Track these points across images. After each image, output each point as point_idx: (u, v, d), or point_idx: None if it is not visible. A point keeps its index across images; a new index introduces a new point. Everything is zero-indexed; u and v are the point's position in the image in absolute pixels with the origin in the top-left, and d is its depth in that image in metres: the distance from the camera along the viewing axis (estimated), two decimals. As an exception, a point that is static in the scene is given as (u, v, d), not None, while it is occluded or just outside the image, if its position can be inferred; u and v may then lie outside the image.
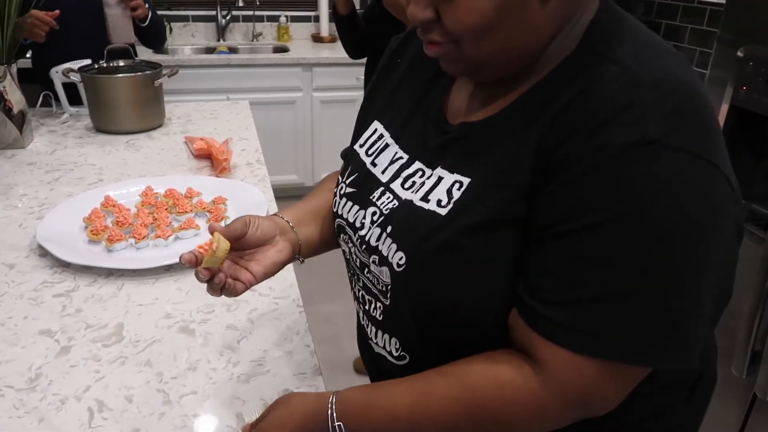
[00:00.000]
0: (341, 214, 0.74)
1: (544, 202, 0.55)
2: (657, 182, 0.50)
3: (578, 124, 0.53)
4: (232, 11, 3.64)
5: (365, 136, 0.77)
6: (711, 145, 0.52)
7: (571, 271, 0.53)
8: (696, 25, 2.41)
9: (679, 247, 0.51)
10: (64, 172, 1.50)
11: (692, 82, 0.55)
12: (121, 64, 1.87)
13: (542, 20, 0.57)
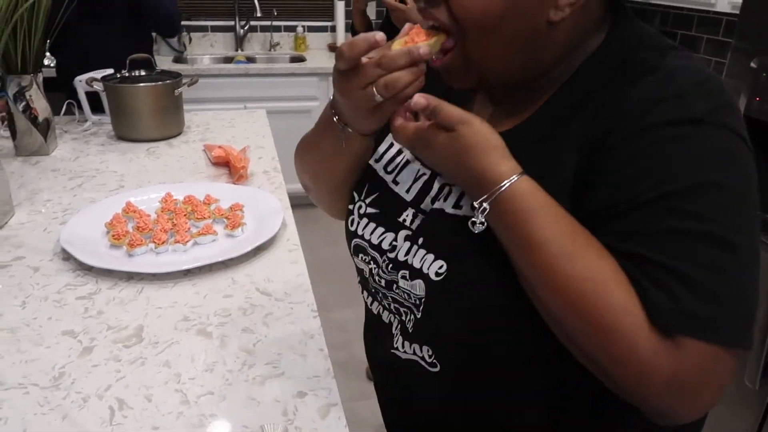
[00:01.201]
0: (362, 235, 0.73)
1: (601, 187, 0.55)
2: (709, 154, 0.53)
3: (624, 114, 0.55)
4: (250, 21, 3.71)
5: (380, 150, 0.76)
6: (744, 127, 0.56)
7: (665, 241, 0.52)
8: (712, 35, 2.41)
9: (738, 221, 0.53)
10: (87, 178, 1.54)
11: (714, 74, 0.58)
12: (143, 73, 1.92)
13: (548, 40, 0.59)
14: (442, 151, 0.59)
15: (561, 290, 0.54)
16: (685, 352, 0.51)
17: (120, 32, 2.20)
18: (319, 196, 0.85)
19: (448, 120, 0.58)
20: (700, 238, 0.52)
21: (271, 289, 1.04)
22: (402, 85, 0.58)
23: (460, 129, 0.57)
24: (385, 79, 0.58)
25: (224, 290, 1.03)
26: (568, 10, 0.58)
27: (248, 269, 1.11)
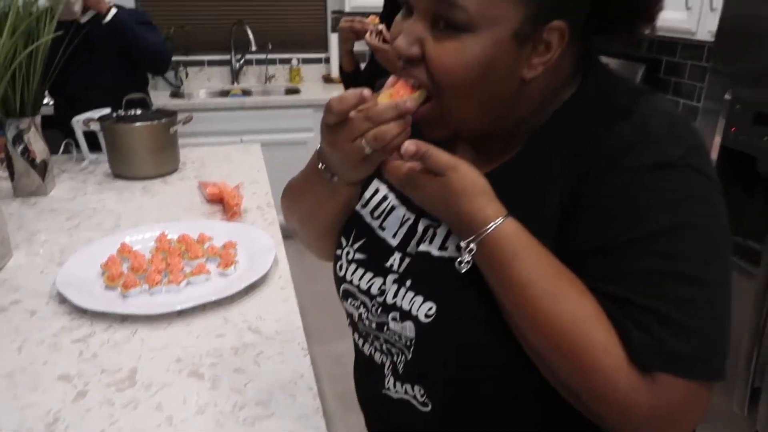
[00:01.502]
0: (351, 280, 0.75)
1: (582, 230, 0.58)
2: (683, 196, 0.56)
3: (601, 158, 0.58)
4: (246, 55, 3.78)
5: (367, 196, 0.78)
6: (713, 169, 0.59)
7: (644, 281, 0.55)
8: (695, 61, 2.47)
9: (712, 259, 0.56)
10: (84, 218, 1.57)
11: (683, 114, 0.63)
12: (139, 112, 1.96)
13: (522, 96, 0.62)
14: (431, 194, 0.62)
15: (543, 329, 0.57)
16: (664, 388, 0.54)
17: (115, 72, 2.26)
18: (307, 239, 0.88)
19: (437, 166, 0.60)
20: (675, 278, 0.54)
21: (262, 328, 1.06)
22: (390, 136, 0.61)
23: (448, 174, 0.60)
24: (374, 131, 0.61)
25: (217, 330, 1.05)
26: (541, 68, 0.61)
27: (240, 308, 1.13)
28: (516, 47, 0.59)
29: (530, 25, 0.58)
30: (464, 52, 0.58)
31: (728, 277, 0.57)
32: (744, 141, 1.33)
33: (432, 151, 0.60)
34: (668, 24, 2.16)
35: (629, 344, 0.54)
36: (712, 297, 0.55)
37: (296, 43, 3.90)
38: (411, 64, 0.62)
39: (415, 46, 0.60)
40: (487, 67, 0.59)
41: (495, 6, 0.56)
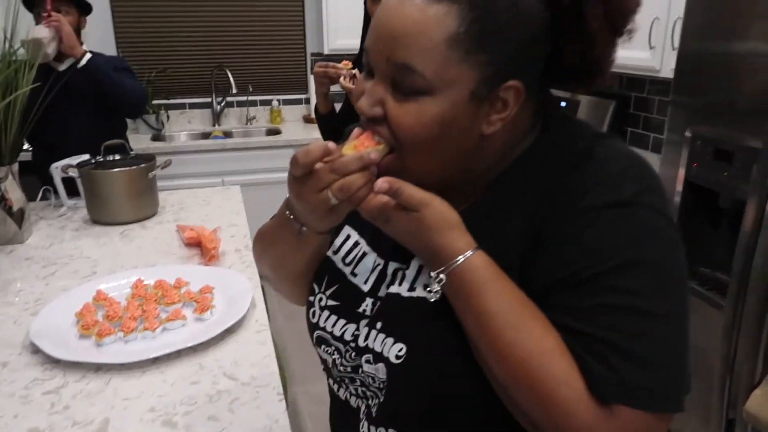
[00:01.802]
0: (324, 327, 0.76)
1: (544, 268, 0.61)
2: (638, 234, 0.58)
3: (562, 199, 0.61)
4: (227, 98, 3.83)
5: (338, 242, 0.80)
6: (668, 206, 0.62)
7: (602, 316, 0.57)
8: (662, 97, 2.55)
9: (667, 293, 0.58)
10: (60, 266, 1.56)
11: (639, 155, 0.65)
12: (117, 158, 1.97)
13: (482, 151, 0.65)
14: (404, 228, 0.64)
15: (506, 360, 0.59)
16: (622, 420, 0.56)
17: (93, 118, 2.27)
18: (279, 286, 0.89)
19: (410, 202, 0.62)
20: (631, 312, 0.57)
21: (237, 373, 1.06)
22: (356, 187, 0.62)
23: (421, 210, 0.62)
24: (339, 182, 0.62)
25: (191, 377, 1.05)
26: (500, 124, 0.63)
27: (216, 353, 1.13)
28: (474, 107, 0.61)
29: (486, 86, 0.60)
30: (424, 113, 0.60)
31: (684, 310, 0.60)
32: (705, 176, 1.37)
33: (405, 187, 0.62)
34: (634, 63, 2.24)
35: (589, 377, 0.56)
36: (668, 330, 0.57)
37: (276, 85, 3.96)
38: (374, 123, 0.64)
39: (377, 107, 0.63)
40: (447, 127, 0.61)
41: (451, 70, 0.59)
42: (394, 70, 0.60)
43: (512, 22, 0.59)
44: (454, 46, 0.58)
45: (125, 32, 3.62)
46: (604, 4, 0.59)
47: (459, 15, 0.57)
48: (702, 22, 1.40)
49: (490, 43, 0.59)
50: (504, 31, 0.59)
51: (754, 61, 1.26)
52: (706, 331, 1.42)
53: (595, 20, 0.59)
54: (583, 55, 0.62)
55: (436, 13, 0.58)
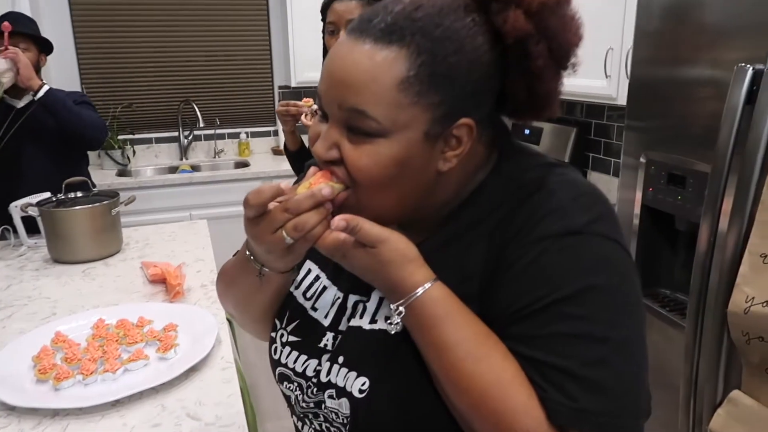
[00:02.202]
0: (285, 363, 0.75)
1: (502, 298, 0.62)
2: (590, 262, 0.59)
3: (516, 230, 0.62)
4: (194, 131, 3.81)
5: (299, 277, 0.79)
6: (619, 232, 0.63)
7: (557, 344, 0.58)
8: (620, 122, 2.63)
9: (621, 318, 0.59)
10: (18, 307, 1.52)
11: (591, 183, 0.67)
12: (79, 195, 1.94)
13: (438, 186, 0.66)
14: (362, 264, 0.64)
15: (466, 391, 0.59)
16: None
17: (54, 155, 2.23)
18: (244, 323, 0.88)
19: (366, 239, 0.62)
20: (585, 339, 0.58)
21: (201, 413, 1.04)
22: (310, 226, 0.61)
23: (379, 247, 0.62)
24: (293, 222, 0.61)
25: (153, 419, 1.02)
26: (455, 160, 0.64)
27: (179, 393, 1.10)
28: (428, 146, 0.62)
29: (439, 125, 0.61)
30: (379, 155, 0.61)
31: (640, 334, 0.61)
32: (661, 200, 1.41)
33: (362, 224, 0.62)
34: (592, 91, 2.32)
35: (547, 405, 0.57)
36: (623, 355, 0.59)
37: (244, 118, 3.96)
38: (331, 165, 0.65)
39: (333, 150, 0.63)
40: (402, 167, 0.62)
41: (403, 113, 0.60)
42: (348, 115, 0.61)
43: (460, 64, 0.60)
44: (405, 90, 0.59)
45: (90, 67, 3.60)
46: (547, 41, 0.61)
47: (407, 59, 0.59)
48: (650, 52, 1.46)
49: (439, 84, 0.60)
50: (452, 72, 0.60)
51: (701, 88, 1.31)
52: (669, 352, 1.44)
53: (539, 58, 0.61)
54: (530, 90, 0.64)
55: (385, 58, 0.59)
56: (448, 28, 0.60)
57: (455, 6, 0.62)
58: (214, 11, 3.71)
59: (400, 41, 0.59)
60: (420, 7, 0.60)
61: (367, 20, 0.61)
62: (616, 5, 2.13)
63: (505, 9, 0.61)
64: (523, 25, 0.60)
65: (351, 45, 0.61)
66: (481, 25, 0.62)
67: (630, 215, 1.52)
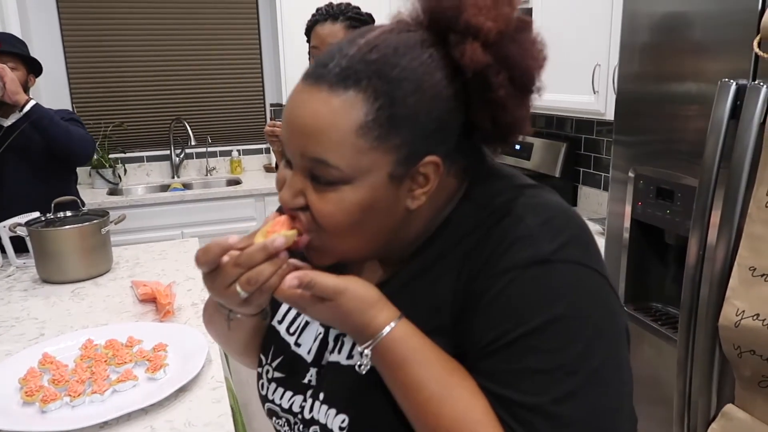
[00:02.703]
0: (272, 400, 0.75)
1: (472, 330, 0.60)
2: (558, 291, 0.58)
3: (484, 260, 0.61)
4: (186, 149, 3.81)
5: (282, 311, 0.79)
6: (592, 256, 0.62)
7: (526, 380, 0.56)
8: (609, 138, 2.66)
9: (593, 348, 0.57)
10: (5, 329, 1.50)
11: (563, 205, 0.65)
12: (69, 214, 1.93)
13: (408, 223, 0.65)
14: (322, 316, 0.63)
15: (434, 430, 0.58)
16: None
17: (41, 174, 2.22)
18: (231, 354, 0.88)
19: (323, 293, 0.60)
20: (555, 373, 0.56)
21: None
22: (264, 278, 0.60)
23: (337, 299, 0.60)
24: (246, 276, 0.60)
25: (141, 441, 1.01)
26: (424, 197, 0.63)
27: (169, 414, 1.09)
28: (394, 187, 0.61)
29: (403, 166, 0.60)
30: (344, 202, 0.60)
31: (615, 360, 0.58)
32: (650, 214, 1.42)
33: (317, 279, 0.60)
34: (581, 106, 2.34)
35: None
36: (595, 385, 0.56)
37: (236, 135, 3.97)
38: (297, 211, 0.64)
39: (298, 198, 0.62)
40: (369, 211, 0.61)
41: (365, 157, 0.59)
42: (310, 164, 0.60)
43: (419, 104, 0.59)
44: (364, 135, 0.58)
45: (80, 87, 3.60)
46: (508, 71, 0.60)
47: (365, 104, 0.58)
48: (636, 68, 1.48)
49: (400, 126, 0.59)
50: (412, 113, 0.59)
51: (686, 103, 1.33)
52: (661, 366, 1.44)
53: (501, 88, 0.60)
54: (496, 120, 0.63)
55: (342, 104, 0.58)
56: (404, 68, 0.58)
57: (411, 43, 0.60)
58: (205, 30, 3.74)
59: (356, 85, 0.58)
60: (375, 48, 0.59)
61: (322, 65, 0.60)
62: (602, 22, 2.17)
63: (462, 41, 0.59)
64: (480, 57, 0.59)
65: (308, 92, 0.59)
66: (438, 60, 0.60)
67: (620, 229, 1.53)
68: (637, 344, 1.51)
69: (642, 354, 1.49)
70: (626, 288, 1.53)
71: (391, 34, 0.61)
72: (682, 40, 1.33)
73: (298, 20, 2.25)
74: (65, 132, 2.13)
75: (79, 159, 2.29)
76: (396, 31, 0.62)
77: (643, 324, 1.46)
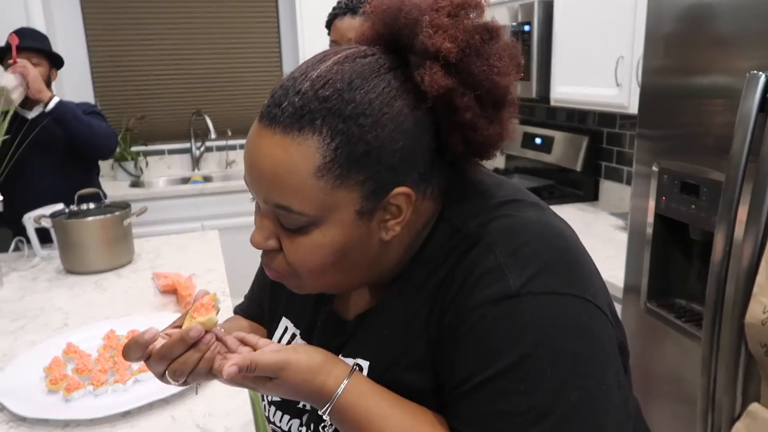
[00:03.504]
0: (274, 422, 0.75)
1: (445, 367, 0.59)
2: (527, 327, 0.54)
3: (454, 295, 0.59)
4: (206, 142, 3.84)
5: (278, 334, 0.78)
6: (571, 280, 0.57)
7: (499, 423, 0.54)
8: (633, 132, 2.61)
9: (568, 382, 0.54)
10: (30, 318, 1.53)
11: (544, 223, 0.61)
12: (91, 206, 1.96)
13: (384, 254, 0.63)
14: (275, 392, 0.62)
15: None
16: None
17: (66, 167, 2.25)
18: None
19: (266, 373, 0.59)
20: (529, 415, 0.53)
21: (211, 425, 1.03)
22: (190, 366, 0.59)
23: (281, 375, 0.59)
24: (172, 366, 0.60)
25: (163, 430, 1.02)
26: (398, 228, 0.61)
27: (189, 404, 1.10)
28: (365, 222, 0.59)
29: (371, 200, 0.58)
30: (315, 246, 0.58)
31: (600, 390, 0.55)
32: (674, 209, 1.39)
33: (256, 361, 0.58)
34: (604, 100, 2.30)
35: None
36: (574, 422, 0.53)
37: (256, 129, 3.99)
38: (270, 257, 0.63)
39: (271, 240, 0.61)
40: (342, 250, 0.59)
41: (329, 197, 0.56)
42: (275, 211, 0.59)
43: (379, 138, 0.56)
44: (324, 176, 0.56)
45: (103, 80, 3.65)
46: (472, 90, 0.57)
47: (321, 146, 0.55)
48: (661, 60, 1.44)
49: (361, 163, 0.56)
50: (372, 148, 0.56)
51: (713, 96, 1.30)
52: (684, 363, 1.42)
53: (467, 111, 0.57)
54: (467, 141, 0.60)
55: (298, 148, 0.55)
56: (359, 103, 0.56)
57: (367, 72, 0.57)
58: (225, 24, 3.75)
59: (310, 126, 0.55)
60: (328, 83, 0.56)
61: (276, 104, 0.57)
62: (626, 14, 2.12)
63: (421, 64, 0.57)
64: (441, 81, 0.56)
65: (263, 135, 0.57)
66: (398, 86, 0.58)
67: (643, 224, 1.50)
68: (659, 341, 1.49)
69: (664, 351, 1.47)
70: (649, 284, 1.50)
71: (344, 64, 0.58)
72: (709, 31, 1.29)
73: (317, 14, 2.25)
74: (88, 127, 2.16)
75: (101, 153, 2.33)
76: (351, 58, 0.59)
77: (666, 320, 1.44)
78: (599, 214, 2.61)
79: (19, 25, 2.42)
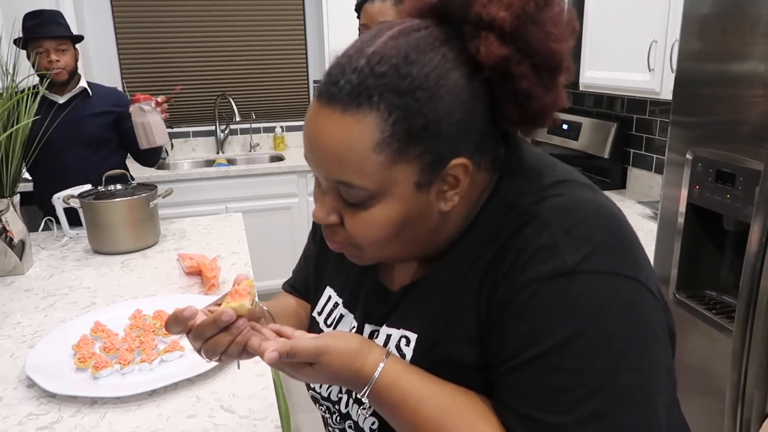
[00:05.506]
0: (313, 387, 0.76)
1: (494, 342, 0.59)
2: (582, 304, 0.54)
3: (506, 270, 0.58)
4: (230, 125, 3.86)
5: (321, 303, 0.80)
6: (625, 261, 0.57)
7: (549, 399, 0.54)
8: (664, 118, 2.55)
9: (621, 362, 0.53)
10: (59, 297, 1.56)
11: (598, 204, 0.60)
12: (119, 187, 1.98)
13: (443, 225, 0.63)
14: (313, 378, 0.63)
15: None
16: None
17: (93, 148, 2.29)
18: None
19: (305, 359, 0.60)
20: (579, 393, 0.53)
21: (235, 406, 1.04)
22: (221, 347, 0.63)
23: (320, 361, 0.60)
24: (205, 346, 0.64)
25: (188, 410, 1.03)
26: (457, 198, 0.61)
27: (214, 384, 1.11)
28: (424, 194, 0.60)
29: (429, 173, 0.58)
30: (376, 220, 0.59)
31: (650, 373, 0.55)
32: (708, 198, 1.36)
33: (296, 347, 0.59)
34: (634, 85, 2.25)
35: None
36: (624, 404, 0.53)
37: (280, 112, 3.99)
38: (332, 231, 0.63)
39: (332, 215, 0.62)
40: (403, 222, 0.60)
41: (388, 172, 0.57)
42: (336, 186, 0.60)
43: (437, 111, 0.56)
44: (383, 151, 0.56)
45: (130, 62, 3.67)
46: (529, 59, 0.56)
47: (379, 121, 0.55)
48: (698, 44, 1.40)
49: (419, 137, 0.56)
50: (430, 122, 0.56)
51: (752, 83, 1.25)
52: (714, 356, 1.39)
53: (524, 79, 0.57)
54: (522, 110, 0.59)
55: (357, 125, 0.56)
56: (416, 77, 0.56)
57: (422, 46, 0.57)
58: (250, 6, 3.74)
59: (368, 102, 0.55)
60: (383, 59, 0.56)
61: (333, 83, 0.57)
62: (661, -4, 2.06)
63: (476, 35, 0.56)
64: (497, 50, 0.55)
65: (322, 114, 0.57)
66: (454, 57, 0.57)
67: (674, 214, 1.47)
68: (689, 333, 1.46)
69: (693, 343, 1.44)
70: (678, 275, 1.47)
71: (399, 39, 0.58)
72: (748, 16, 1.25)
73: (343, -4, 2.23)
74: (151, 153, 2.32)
75: (146, 164, 2.45)
76: (405, 32, 0.58)
77: (696, 312, 1.40)
78: (627, 203, 2.56)
79: (49, 7, 2.44)
